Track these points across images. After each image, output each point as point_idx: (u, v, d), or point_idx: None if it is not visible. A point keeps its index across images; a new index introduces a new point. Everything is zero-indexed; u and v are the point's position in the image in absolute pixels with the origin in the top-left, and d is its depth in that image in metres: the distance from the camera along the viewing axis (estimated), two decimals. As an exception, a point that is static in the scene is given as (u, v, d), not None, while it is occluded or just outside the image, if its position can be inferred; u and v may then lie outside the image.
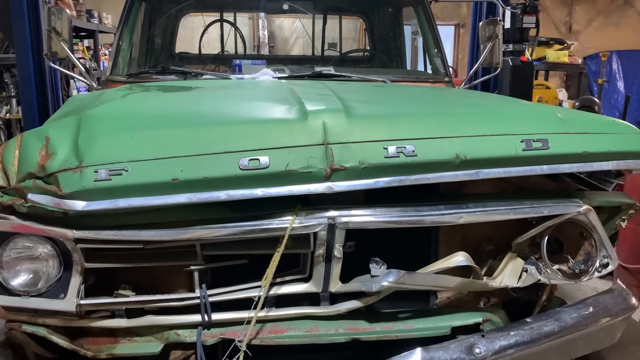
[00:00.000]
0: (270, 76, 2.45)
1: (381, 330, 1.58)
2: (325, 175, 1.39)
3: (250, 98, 1.89)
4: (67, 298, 1.44)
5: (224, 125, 1.47)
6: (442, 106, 1.86)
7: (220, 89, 2.13)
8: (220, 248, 1.50)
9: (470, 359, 1.49)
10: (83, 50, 6.05)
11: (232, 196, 1.37)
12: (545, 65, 7.85)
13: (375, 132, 1.46)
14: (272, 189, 1.39)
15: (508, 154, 1.47)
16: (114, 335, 1.53)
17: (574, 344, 1.61)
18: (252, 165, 1.36)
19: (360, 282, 1.54)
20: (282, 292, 1.55)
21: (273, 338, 1.52)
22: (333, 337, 1.55)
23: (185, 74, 2.53)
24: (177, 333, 1.52)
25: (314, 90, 1.83)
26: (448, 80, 2.85)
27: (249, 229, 1.43)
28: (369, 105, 1.73)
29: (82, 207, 1.32)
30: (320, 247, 1.49)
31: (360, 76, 2.57)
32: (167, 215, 1.44)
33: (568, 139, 1.53)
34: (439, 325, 1.60)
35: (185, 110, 1.69)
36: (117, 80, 2.56)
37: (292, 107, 1.56)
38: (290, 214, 1.45)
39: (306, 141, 1.41)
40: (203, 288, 1.51)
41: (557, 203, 1.57)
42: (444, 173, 1.46)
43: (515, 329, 1.56)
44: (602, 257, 1.63)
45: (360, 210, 1.49)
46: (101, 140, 1.41)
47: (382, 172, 1.43)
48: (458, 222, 1.51)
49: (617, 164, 1.58)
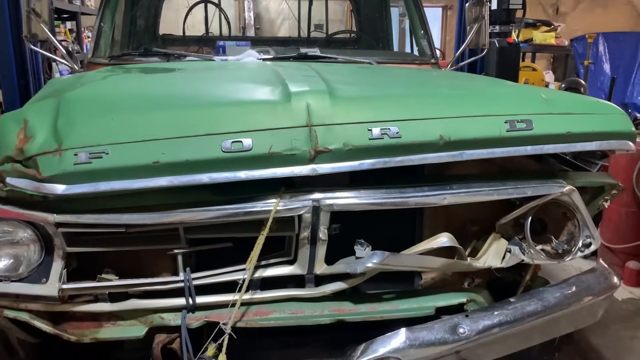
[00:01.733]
0: (254, 58, 2.42)
1: (366, 311, 1.58)
2: (309, 157, 1.38)
3: (233, 80, 1.86)
4: (49, 283, 1.43)
5: (206, 107, 1.44)
6: (426, 88, 1.85)
7: (203, 71, 2.10)
8: (204, 231, 1.49)
9: (454, 338, 1.50)
10: (65, 32, 5.93)
11: (215, 179, 1.36)
12: (532, 47, 7.84)
13: (360, 114, 1.45)
14: (255, 172, 1.37)
15: (492, 135, 1.47)
16: (98, 320, 1.52)
17: (556, 322, 1.63)
18: (235, 147, 1.35)
19: (345, 264, 1.54)
20: (267, 274, 1.54)
21: (258, 320, 1.52)
22: (318, 318, 1.55)
23: (169, 55, 2.50)
24: (161, 317, 1.52)
25: (298, 72, 1.81)
26: (434, 62, 2.84)
27: (232, 212, 1.42)
28: (354, 86, 1.72)
29: (62, 191, 1.30)
30: (305, 230, 1.49)
31: (346, 58, 2.55)
32: (149, 199, 1.42)
33: (552, 119, 1.53)
34: (424, 305, 1.61)
35: (166, 92, 1.66)
36: (99, 62, 2.52)
37: (276, 88, 1.54)
38: (275, 196, 1.44)
39: (290, 123, 1.40)
40: (187, 271, 1.50)
41: (541, 184, 1.57)
42: (428, 154, 1.45)
43: (498, 308, 1.58)
44: (585, 237, 1.64)
45: (345, 193, 1.48)
46: (81, 123, 1.38)
47: (366, 154, 1.42)
48: (442, 203, 1.51)
49: (601, 144, 1.58)
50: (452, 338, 1.50)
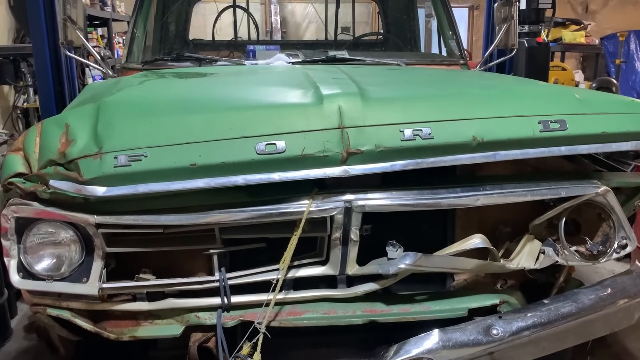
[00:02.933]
0: (284, 61, 2.45)
1: (398, 312, 1.59)
2: (341, 159, 1.40)
3: (265, 83, 1.89)
4: (89, 282, 1.47)
5: (241, 111, 1.47)
6: (457, 88, 1.85)
7: (235, 75, 2.14)
8: (239, 232, 1.51)
9: (487, 340, 1.49)
10: (97, 38, 6.07)
11: (250, 181, 1.38)
12: (562, 46, 7.70)
13: (391, 115, 1.46)
14: (289, 173, 1.40)
15: (525, 136, 1.47)
16: (136, 318, 1.56)
17: (591, 325, 1.61)
18: (269, 149, 1.37)
19: (377, 264, 1.55)
20: (299, 275, 1.56)
21: (291, 320, 1.54)
22: (350, 319, 1.56)
23: (200, 60, 2.54)
24: (197, 316, 1.55)
25: (328, 75, 1.83)
26: (463, 62, 2.83)
27: (266, 212, 1.45)
28: (384, 88, 1.73)
29: (102, 193, 1.34)
30: (337, 231, 1.50)
31: (375, 60, 2.56)
32: (186, 200, 1.45)
33: (586, 119, 1.52)
34: (456, 307, 1.61)
35: (201, 96, 1.70)
36: (133, 67, 2.59)
37: (308, 91, 1.56)
38: (307, 197, 1.46)
39: (322, 125, 1.42)
40: (222, 271, 1.53)
41: (575, 184, 1.56)
42: (460, 155, 1.45)
43: (532, 310, 1.56)
44: (621, 238, 1.62)
45: (377, 194, 1.49)
46: (120, 127, 1.42)
47: (398, 155, 1.43)
48: (475, 204, 1.51)
49: (637, 144, 1.56)
50: (485, 339, 1.49)
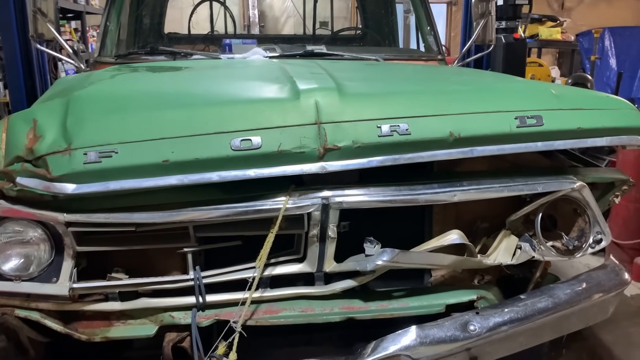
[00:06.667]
0: (261, 55, 2.42)
1: (376, 309, 1.58)
2: (318, 155, 1.38)
3: (241, 78, 1.86)
4: (59, 282, 1.43)
5: (215, 106, 1.44)
6: (435, 84, 1.85)
7: (210, 69, 2.10)
8: (214, 230, 1.49)
9: (464, 336, 1.49)
10: (70, 32, 5.94)
11: (224, 177, 1.36)
12: (538, 42, 7.81)
13: (369, 111, 1.44)
14: (264, 170, 1.37)
15: (502, 131, 1.47)
16: (108, 319, 1.53)
17: (567, 319, 1.62)
18: (244, 145, 1.35)
19: (354, 261, 1.54)
20: (276, 272, 1.54)
21: (268, 318, 1.52)
22: (328, 316, 1.55)
23: (175, 54, 2.50)
24: (171, 315, 1.51)
25: (306, 69, 1.81)
26: (441, 58, 2.83)
27: (242, 210, 1.42)
28: (362, 83, 1.71)
29: (72, 190, 1.30)
30: (315, 228, 1.49)
31: (353, 54, 2.55)
32: (159, 197, 1.42)
33: (562, 115, 1.52)
34: (434, 303, 1.61)
35: (175, 91, 1.66)
36: (105, 61, 2.52)
37: (284, 86, 1.53)
38: (284, 194, 1.44)
39: (299, 121, 1.39)
40: (197, 270, 1.50)
41: (551, 180, 1.56)
42: (438, 151, 1.45)
43: (509, 305, 1.57)
44: (596, 233, 1.63)
45: (354, 190, 1.48)
46: (90, 122, 1.38)
47: (376, 151, 1.42)
48: (452, 200, 1.50)
49: (612, 140, 1.57)
50: (462, 335, 1.49)
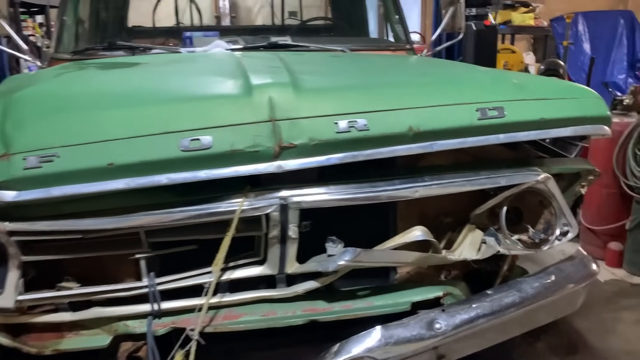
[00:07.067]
0: (223, 48, 2.34)
1: (340, 309, 1.53)
2: (273, 153, 1.32)
3: (194, 73, 1.78)
4: (5, 294, 1.35)
5: (162, 104, 1.37)
6: (395, 76, 1.79)
7: (165, 65, 2.02)
8: (168, 234, 1.43)
9: (430, 334, 1.46)
10: (34, 27, 5.78)
11: (174, 180, 1.29)
12: (511, 28, 7.79)
13: (325, 106, 1.39)
14: (216, 171, 1.31)
15: (463, 124, 1.42)
16: (60, 330, 1.46)
17: (535, 314, 1.60)
18: (194, 146, 1.29)
19: (316, 262, 1.49)
20: (236, 276, 1.49)
21: (227, 324, 1.47)
22: (290, 319, 1.50)
23: (133, 49, 2.40)
24: (126, 324, 1.45)
25: (263, 63, 1.74)
26: (409, 47, 2.78)
27: (195, 213, 1.36)
28: (320, 77, 1.65)
29: (12, 198, 1.23)
30: (274, 229, 1.43)
31: (318, 46, 2.48)
32: (108, 202, 1.35)
33: (524, 106, 1.48)
34: (399, 301, 1.57)
35: (122, 89, 1.58)
36: (61, 58, 2.41)
37: (237, 81, 1.47)
38: (240, 196, 1.38)
39: (252, 118, 1.33)
40: (151, 276, 1.44)
41: (515, 172, 1.53)
42: (397, 147, 1.40)
43: (475, 301, 1.54)
44: (563, 225, 1.60)
45: (313, 189, 1.42)
46: (29, 125, 1.31)
47: (334, 148, 1.36)
48: (414, 196, 1.46)
49: (575, 130, 1.54)
50: (428, 334, 1.46)
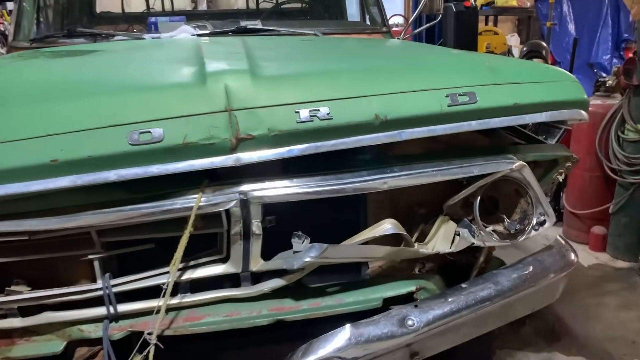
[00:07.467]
0: (189, 34, 2.24)
1: (308, 308, 1.46)
2: (230, 146, 1.24)
3: (150, 61, 1.68)
4: (-53, 300, 1.27)
5: (109, 95, 1.27)
6: (363, 61, 1.70)
7: (123, 52, 1.91)
8: (121, 233, 1.34)
9: (402, 332, 1.40)
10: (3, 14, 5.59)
11: (123, 176, 1.20)
12: (494, 9, 7.71)
13: (285, 95, 1.30)
14: (169, 166, 1.22)
15: (432, 111, 1.34)
16: (10, 337, 1.37)
17: (512, 306, 1.54)
18: (144, 139, 1.20)
19: (282, 259, 1.42)
20: (197, 275, 1.41)
21: (188, 327, 1.39)
22: (255, 320, 1.42)
23: (95, 35, 2.29)
24: (80, 329, 1.37)
25: (224, 49, 1.65)
26: (386, 30, 2.69)
27: (148, 211, 1.27)
28: (283, 63, 1.56)
29: (-55, 199, 1.14)
30: (236, 225, 1.35)
31: (289, 30, 2.38)
32: (57, 200, 1.26)
33: (497, 90, 1.41)
34: (370, 297, 1.50)
35: (70, 79, 1.48)
36: (20, 46, 2.29)
37: (192, 69, 1.38)
38: (196, 191, 1.30)
39: (206, 108, 1.24)
40: (105, 278, 1.36)
41: (489, 161, 1.45)
42: (363, 136, 1.32)
43: (450, 296, 1.47)
44: (539, 214, 1.54)
45: (276, 182, 1.34)
46: None
47: (295, 139, 1.28)
48: (382, 188, 1.38)
49: (551, 115, 1.47)
50: (400, 331, 1.40)
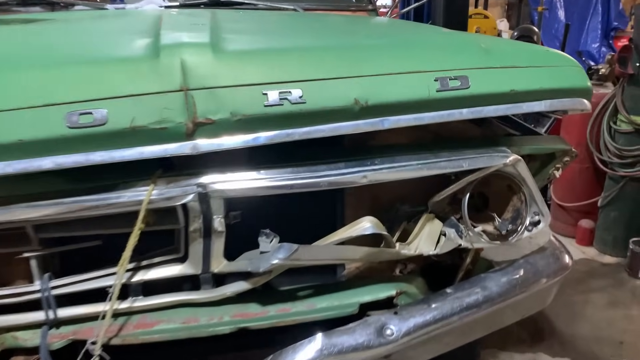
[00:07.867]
0: (157, 5, 2.04)
1: (276, 314, 1.31)
2: (186, 131, 1.07)
3: (102, 33, 1.49)
4: None
5: (46, 69, 1.09)
6: (342, 39, 1.51)
7: (77, 23, 1.71)
8: (62, 229, 1.18)
9: (380, 342, 1.26)
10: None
11: (61, 164, 1.03)
12: (485, -7, 7.56)
13: (252, 74, 1.12)
14: (115, 153, 1.05)
15: (419, 97, 1.18)
16: None
17: (500, 314, 1.41)
18: (84, 121, 1.02)
19: (247, 259, 1.26)
20: (150, 277, 1.25)
21: (139, 334, 1.23)
22: (216, 327, 1.27)
23: (53, 4, 2.08)
24: (14, 336, 1.20)
25: (187, 20, 1.46)
26: (372, 8, 2.51)
27: (91, 204, 1.10)
28: (251, 37, 1.38)
29: None
30: (195, 221, 1.19)
31: (267, 4, 2.19)
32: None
33: (492, 75, 1.25)
34: (345, 302, 1.34)
35: (3, 51, 1.29)
36: (-31, 14, 2.09)
37: (144, 41, 1.19)
38: (147, 183, 1.13)
39: (158, 87, 1.07)
40: (44, 279, 1.19)
41: (480, 154, 1.30)
42: (341, 124, 1.15)
43: (433, 302, 1.34)
44: (533, 213, 1.39)
45: (240, 174, 1.18)
46: None
47: (262, 125, 1.11)
48: (361, 182, 1.22)
49: (552, 104, 1.32)
50: (377, 341, 1.26)
